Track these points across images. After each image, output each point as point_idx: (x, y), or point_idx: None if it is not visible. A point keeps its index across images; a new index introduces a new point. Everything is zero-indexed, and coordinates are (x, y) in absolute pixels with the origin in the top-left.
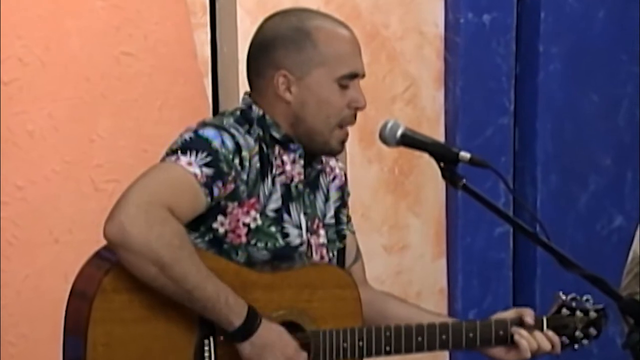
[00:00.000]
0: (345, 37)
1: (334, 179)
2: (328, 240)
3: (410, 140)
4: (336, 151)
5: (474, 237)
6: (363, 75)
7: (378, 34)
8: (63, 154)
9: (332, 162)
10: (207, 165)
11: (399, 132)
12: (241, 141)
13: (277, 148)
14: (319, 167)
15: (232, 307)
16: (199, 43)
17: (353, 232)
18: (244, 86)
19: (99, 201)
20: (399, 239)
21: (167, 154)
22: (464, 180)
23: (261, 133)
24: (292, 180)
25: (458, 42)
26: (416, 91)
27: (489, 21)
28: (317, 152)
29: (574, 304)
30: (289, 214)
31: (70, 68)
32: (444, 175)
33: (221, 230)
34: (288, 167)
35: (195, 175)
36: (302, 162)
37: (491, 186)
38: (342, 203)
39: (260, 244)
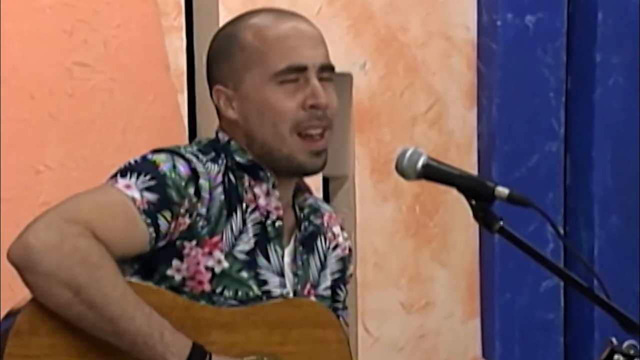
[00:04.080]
0: (280, 29)
1: (335, 247)
2: None
3: (435, 172)
4: (310, 167)
5: (514, 293)
6: (324, 68)
7: (395, 39)
8: (2, 189)
9: (336, 228)
10: (149, 189)
11: (421, 162)
12: (199, 168)
13: (246, 179)
14: (318, 222)
15: (168, 344)
16: (172, 51)
17: (346, 324)
18: None
19: None
20: (421, 294)
21: (107, 180)
22: (502, 222)
23: (228, 162)
24: (267, 216)
25: (494, 49)
26: (442, 110)
27: (534, 23)
28: (288, 173)
29: (632, 352)
30: (267, 257)
31: (10, 82)
32: (476, 216)
33: (177, 277)
34: (262, 201)
35: (134, 199)
36: (277, 193)
37: (536, 229)
38: (342, 279)
39: (228, 292)
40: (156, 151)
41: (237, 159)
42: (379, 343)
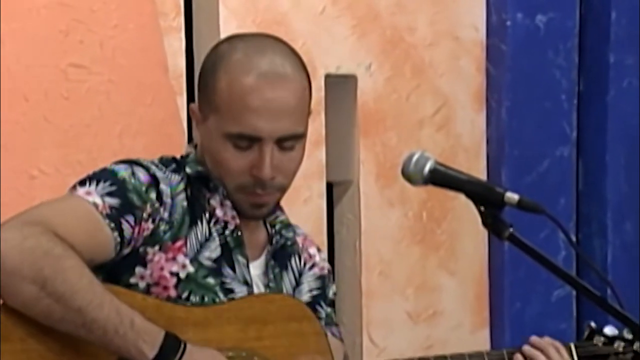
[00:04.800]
0: (251, 90)
1: (312, 266)
2: None
3: (442, 177)
4: (251, 215)
5: (525, 302)
6: (285, 139)
7: (401, 40)
8: None
9: (312, 249)
10: (110, 194)
11: (428, 167)
12: (158, 174)
13: (204, 190)
14: (290, 235)
15: (140, 332)
16: (171, 52)
17: (341, 340)
18: None
19: None
20: (428, 304)
21: (67, 191)
22: (512, 229)
23: (189, 173)
24: (225, 227)
25: (504, 50)
26: (450, 113)
27: (545, 23)
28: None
29: (611, 333)
30: (232, 267)
31: (3, 84)
32: (485, 223)
33: (142, 284)
34: (218, 212)
35: (96, 205)
36: (228, 202)
37: (548, 236)
38: (323, 296)
39: (194, 298)
40: (115, 162)
41: (187, 170)
42: (385, 354)
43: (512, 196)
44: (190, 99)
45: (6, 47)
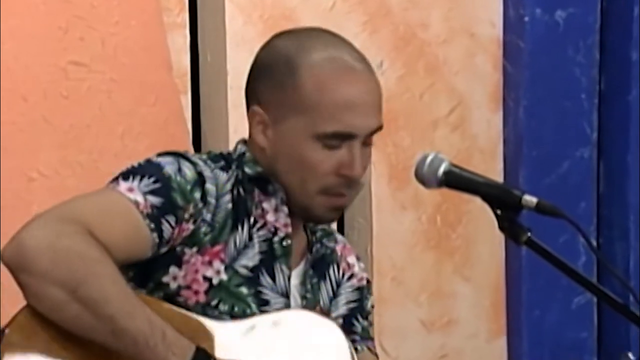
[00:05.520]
0: (347, 84)
1: (350, 277)
2: None
3: (457, 180)
4: (326, 220)
5: (544, 309)
6: (373, 133)
7: (414, 36)
8: None
9: (351, 258)
10: (153, 192)
11: (442, 169)
12: (206, 172)
13: (256, 193)
14: (331, 245)
15: (171, 345)
16: (175, 49)
17: (376, 355)
18: (233, 106)
19: None
20: (443, 311)
21: (108, 184)
22: (529, 234)
23: (239, 175)
24: (275, 233)
25: (522, 47)
26: (465, 113)
27: (564, 19)
28: (301, 216)
29: None
30: (272, 277)
31: (1, 84)
32: (502, 227)
33: (173, 285)
34: (270, 217)
35: (137, 203)
36: (286, 209)
37: (567, 241)
38: (360, 309)
39: (224, 307)
40: (161, 154)
41: (247, 170)
42: None
43: (530, 199)
44: (195, 98)
45: (4, 44)
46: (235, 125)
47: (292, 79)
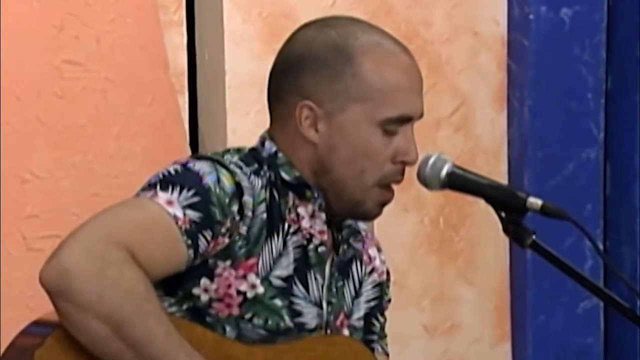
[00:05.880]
0: (402, 66)
1: (371, 271)
2: None
3: (460, 181)
4: (372, 215)
5: (549, 314)
6: (420, 116)
7: (416, 35)
8: None
9: (372, 250)
10: (192, 207)
11: (445, 170)
12: (244, 182)
13: (291, 197)
14: (358, 246)
15: None
16: (172, 48)
17: (387, 354)
18: (232, 106)
19: (33, 265)
20: (446, 316)
21: (143, 189)
22: (534, 237)
23: (272, 176)
24: (310, 240)
25: (527, 45)
26: (468, 113)
27: (570, 17)
28: (345, 214)
29: None
30: (305, 286)
31: None
32: (506, 230)
33: (204, 298)
34: (305, 223)
35: (176, 218)
36: (323, 216)
37: (573, 244)
38: (379, 306)
39: (258, 321)
40: (197, 157)
41: (284, 175)
42: None
43: (535, 201)
44: (192, 97)
45: None
46: (234, 126)
47: (347, 65)
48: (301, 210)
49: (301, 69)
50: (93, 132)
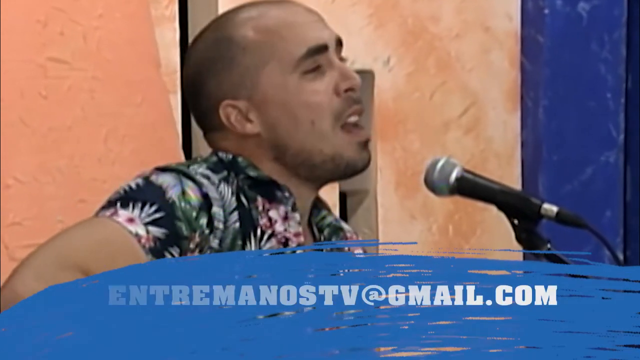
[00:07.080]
0: (281, 14)
1: None
2: None
3: (471, 187)
4: (360, 163)
5: None
6: (340, 43)
7: (424, 31)
8: None
9: (358, 252)
10: (156, 223)
11: (454, 175)
12: (212, 193)
13: (260, 201)
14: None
15: None
16: (163, 44)
17: None
18: None
19: None
20: None
21: (102, 208)
22: (549, 245)
23: (239, 182)
24: (286, 244)
25: (541, 42)
26: (480, 114)
27: (588, 12)
28: (338, 176)
29: None
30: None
31: None
32: (519, 238)
33: None
34: (279, 227)
35: (138, 236)
36: (297, 217)
37: (591, 254)
38: None
39: None
40: (161, 170)
41: (251, 174)
42: None
43: (550, 208)
44: (185, 97)
45: None
46: None
47: (233, 47)
48: (273, 213)
49: (203, 80)
50: (80, 135)
